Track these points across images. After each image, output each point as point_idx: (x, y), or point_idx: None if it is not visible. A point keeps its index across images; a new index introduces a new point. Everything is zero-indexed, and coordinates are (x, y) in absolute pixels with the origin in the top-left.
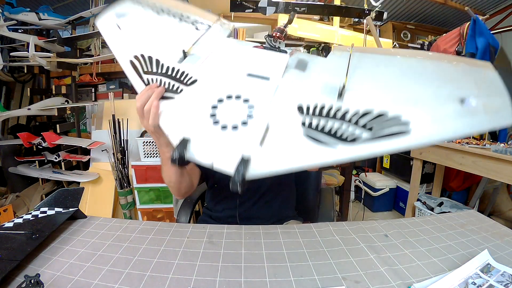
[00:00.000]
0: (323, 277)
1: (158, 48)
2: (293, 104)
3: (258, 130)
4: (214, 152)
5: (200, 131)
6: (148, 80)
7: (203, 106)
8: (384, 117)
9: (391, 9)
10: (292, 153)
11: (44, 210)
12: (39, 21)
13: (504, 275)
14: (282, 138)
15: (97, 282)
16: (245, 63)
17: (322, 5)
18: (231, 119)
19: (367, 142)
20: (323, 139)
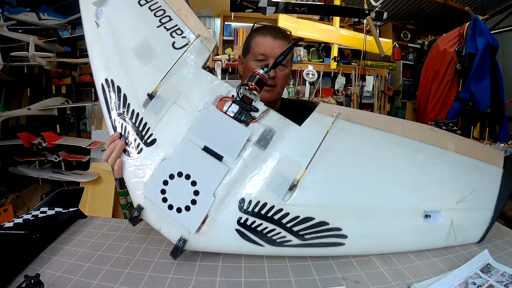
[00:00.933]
0: (323, 277)
1: (129, 75)
2: (237, 195)
3: (197, 218)
4: (162, 223)
5: (151, 203)
6: (115, 121)
7: (156, 178)
8: (323, 227)
9: (391, 9)
10: (224, 243)
11: (44, 210)
12: (39, 21)
13: (504, 275)
14: (217, 230)
15: (97, 282)
16: (203, 129)
17: (322, 5)
18: (177, 201)
19: (295, 247)
20: (253, 238)
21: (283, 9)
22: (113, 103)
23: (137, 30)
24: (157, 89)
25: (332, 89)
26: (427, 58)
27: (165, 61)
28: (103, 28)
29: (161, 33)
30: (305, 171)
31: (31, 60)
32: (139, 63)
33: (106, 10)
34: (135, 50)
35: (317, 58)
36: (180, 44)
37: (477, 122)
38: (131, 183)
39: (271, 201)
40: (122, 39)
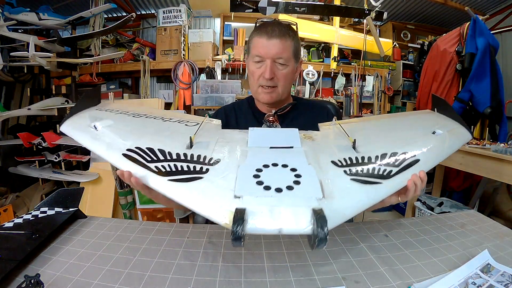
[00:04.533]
0: (323, 277)
1: (156, 140)
2: (327, 161)
3: (314, 184)
4: (280, 213)
5: (253, 199)
6: (157, 168)
7: (245, 177)
8: (397, 154)
9: (391, 9)
10: (354, 196)
11: (44, 210)
12: (39, 21)
13: (504, 275)
14: (337, 187)
15: (97, 282)
16: (260, 140)
17: (322, 5)
18: (282, 182)
19: (398, 174)
20: (369, 180)
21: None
22: (147, 157)
23: (145, 124)
24: (194, 138)
25: (332, 89)
26: (427, 58)
27: (186, 131)
28: (105, 129)
29: (169, 123)
30: (350, 138)
31: (31, 60)
32: (162, 134)
33: (101, 123)
34: (152, 131)
35: (317, 58)
36: (192, 124)
37: (477, 122)
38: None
39: (352, 155)
40: (131, 129)
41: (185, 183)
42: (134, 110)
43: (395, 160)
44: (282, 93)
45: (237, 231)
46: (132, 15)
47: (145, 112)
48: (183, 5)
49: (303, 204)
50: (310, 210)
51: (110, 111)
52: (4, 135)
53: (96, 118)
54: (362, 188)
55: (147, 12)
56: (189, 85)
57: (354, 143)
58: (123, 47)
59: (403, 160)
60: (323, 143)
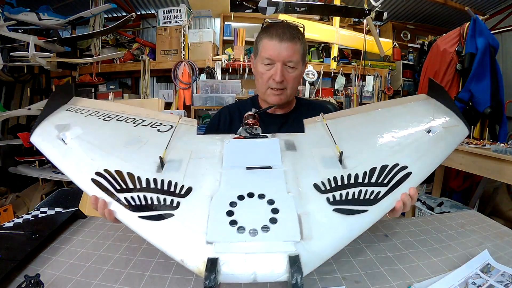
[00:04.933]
0: (323, 277)
1: (125, 160)
2: (309, 184)
3: (292, 223)
4: (256, 261)
5: (225, 245)
6: (127, 199)
7: (217, 215)
8: (388, 168)
9: (391, 9)
10: (334, 233)
11: (44, 210)
12: (39, 21)
13: (504, 275)
14: (318, 222)
15: (97, 282)
16: (236, 157)
17: (322, 5)
18: (257, 221)
19: (387, 195)
20: (353, 208)
21: (283, 9)
22: (116, 185)
23: (115, 133)
24: (165, 156)
25: (332, 89)
26: (427, 58)
27: (158, 140)
28: (74, 142)
29: (141, 128)
30: (337, 146)
31: (31, 60)
32: (132, 148)
33: (70, 133)
34: (122, 143)
35: (317, 58)
36: (165, 129)
37: (477, 122)
38: (180, 247)
39: (337, 173)
40: (100, 142)
41: (156, 221)
42: (106, 108)
43: (385, 177)
44: (290, 95)
45: (210, 283)
46: (132, 15)
47: (116, 112)
48: (183, 5)
49: (279, 249)
50: (286, 256)
51: (80, 111)
52: (4, 135)
53: (64, 126)
54: (344, 221)
55: (147, 12)
56: (189, 85)
57: (340, 156)
58: (123, 47)
59: (394, 176)
60: (307, 154)
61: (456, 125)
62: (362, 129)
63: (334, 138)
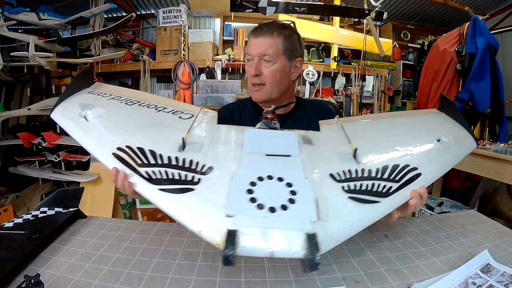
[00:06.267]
0: (323, 277)
1: (147, 139)
2: (325, 173)
3: (309, 204)
4: (272, 236)
5: (244, 219)
6: (148, 173)
7: (237, 192)
8: (399, 167)
9: (391, 9)
10: (349, 218)
11: (44, 210)
12: (39, 21)
13: (504, 275)
14: (334, 206)
15: (97, 282)
16: (256, 145)
17: (322, 5)
18: (276, 200)
19: (398, 191)
20: (367, 198)
21: (283, 9)
22: (138, 160)
23: (137, 115)
24: (186, 138)
25: (332, 89)
26: (427, 58)
27: (179, 125)
28: (96, 120)
29: (163, 114)
30: (351, 144)
31: (31, 60)
32: (154, 129)
33: (92, 112)
34: (144, 125)
35: (317, 58)
36: (186, 116)
37: (477, 122)
38: (199, 219)
39: (351, 167)
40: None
41: (176, 194)
42: (128, 95)
43: (396, 174)
44: (272, 92)
45: (229, 254)
46: (132, 15)
47: (138, 98)
48: (183, 5)
49: (297, 227)
50: (303, 234)
51: (103, 95)
52: (4, 135)
53: (87, 105)
54: (358, 209)
55: (147, 12)
56: (189, 85)
57: (355, 152)
58: (123, 47)
59: (405, 175)
60: (322, 149)
61: (465, 136)
62: (375, 132)
63: (348, 137)
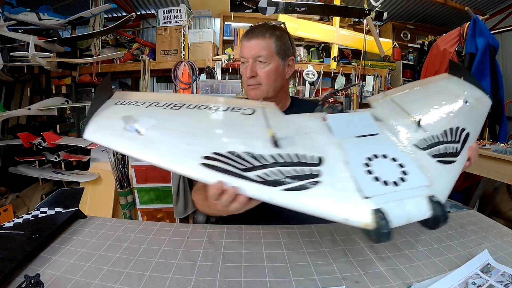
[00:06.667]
0: (323, 277)
1: (230, 140)
2: (410, 145)
3: (419, 174)
4: (405, 208)
5: (380, 196)
6: (260, 176)
7: (360, 175)
8: (454, 130)
9: (391, 9)
10: (445, 180)
11: (44, 210)
12: (39, 21)
13: (504, 275)
14: (431, 172)
15: (97, 282)
16: (343, 129)
17: (322, 5)
18: (391, 176)
19: (462, 150)
20: (448, 159)
21: (283, 9)
22: (239, 165)
23: (196, 118)
24: (272, 132)
25: (332, 89)
26: (427, 58)
27: (249, 122)
28: (152, 131)
29: (222, 113)
30: (411, 115)
31: (31, 60)
32: (228, 130)
33: (141, 123)
34: (212, 127)
35: (317, 58)
36: (249, 112)
37: None
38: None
39: (423, 135)
40: (185, 128)
41: (305, 190)
42: (159, 99)
43: (455, 136)
44: (268, 91)
45: (384, 230)
46: (132, 15)
47: (179, 101)
48: (183, 5)
49: (420, 193)
50: (427, 198)
51: (134, 103)
52: (4, 135)
53: (129, 118)
54: (447, 169)
55: (147, 12)
56: (189, 85)
57: (419, 122)
58: (123, 47)
59: (460, 135)
60: (392, 123)
61: (482, 96)
62: (418, 102)
63: (405, 109)
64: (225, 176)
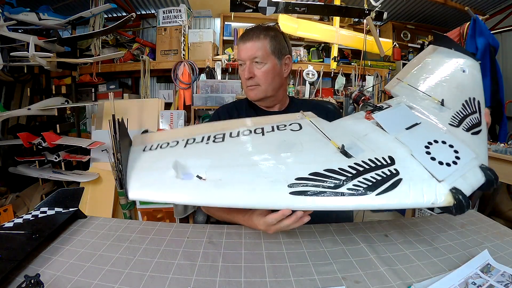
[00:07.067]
0: (323, 277)
1: (301, 162)
2: (446, 124)
3: (468, 153)
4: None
5: (447, 178)
6: (351, 189)
7: (427, 163)
8: (469, 101)
9: (391, 9)
10: (482, 148)
11: (44, 210)
12: (39, 21)
13: (504, 275)
14: (472, 145)
15: (97, 282)
16: (391, 125)
17: (322, 5)
18: (447, 157)
19: (482, 117)
20: (476, 129)
21: (283, 9)
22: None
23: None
24: (337, 144)
25: (332, 89)
26: None
27: (305, 137)
28: (213, 173)
29: (270, 135)
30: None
31: (31, 60)
32: (293, 152)
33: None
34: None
35: (317, 58)
36: (296, 127)
37: None
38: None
39: (450, 114)
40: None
41: (394, 190)
42: (192, 134)
43: (471, 107)
44: (266, 90)
45: (465, 203)
46: (132, 15)
47: (211, 131)
48: (183, 5)
49: (473, 165)
50: (479, 168)
51: (168, 146)
52: (4, 135)
53: (178, 165)
54: (480, 138)
55: (147, 12)
56: (189, 85)
57: (442, 102)
58: (123, 47)
59: (474, 105)
60: (420, 107)
61: (473, 61)
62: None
63: (424, 92)
64: (319, 198)
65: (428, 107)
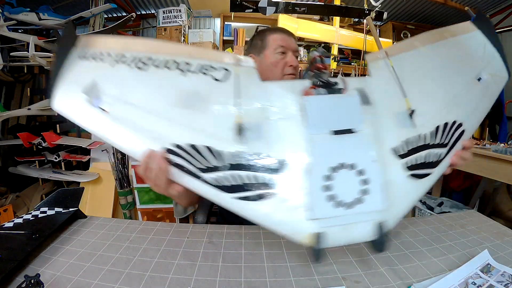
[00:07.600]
0: (323, 277)
1: (191, 126)
2: (389, 149)
3: (380, 194)
4: (349, 232)
5: (327, 220)
6: (217, 180)
7: (315, 192)
8: (448, 127)
9: (391, 9)
10: (410, 198)
11: (44, 210)
12: (39, 21)
13: (504, 275)
14: (398, 190)
15: (97, 282)
16: (320, 119)
17: (322, 5)
18: (350, 194)
19: (446, 157)
20: (424, 172)
21: (283, 9)
22: (198, 164)
23: (163, 87)
24: (239, 120)
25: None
26: None
27: (219, 94)
28: (116, 109)
29: (192, 77)
30: (407, 99)
31: (31, 60)
32: (194, 109)
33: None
34: (178, 103)
35: None
36: (221, 75)
37: None
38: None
39: (409, 133)
40: (149, 103)
41: (254, 202)
42: (132, 48)
43: (446, 136)
44: None
45: (319, 252)
46: (132, 15)
47: (147, 51)
48: (183, 5)
49: (370, 219)
50: (375, 224)
51: (99, 58)
52: (4, 135)
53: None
54: (416, 185)
55: (147, 12)
56: None
57: (412, 113)
58: None
59: (452, 135)
60: (380, 109)
61: (501, 71)
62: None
63: (402, 87)
64: (183, 174)
65: (389, 112)
